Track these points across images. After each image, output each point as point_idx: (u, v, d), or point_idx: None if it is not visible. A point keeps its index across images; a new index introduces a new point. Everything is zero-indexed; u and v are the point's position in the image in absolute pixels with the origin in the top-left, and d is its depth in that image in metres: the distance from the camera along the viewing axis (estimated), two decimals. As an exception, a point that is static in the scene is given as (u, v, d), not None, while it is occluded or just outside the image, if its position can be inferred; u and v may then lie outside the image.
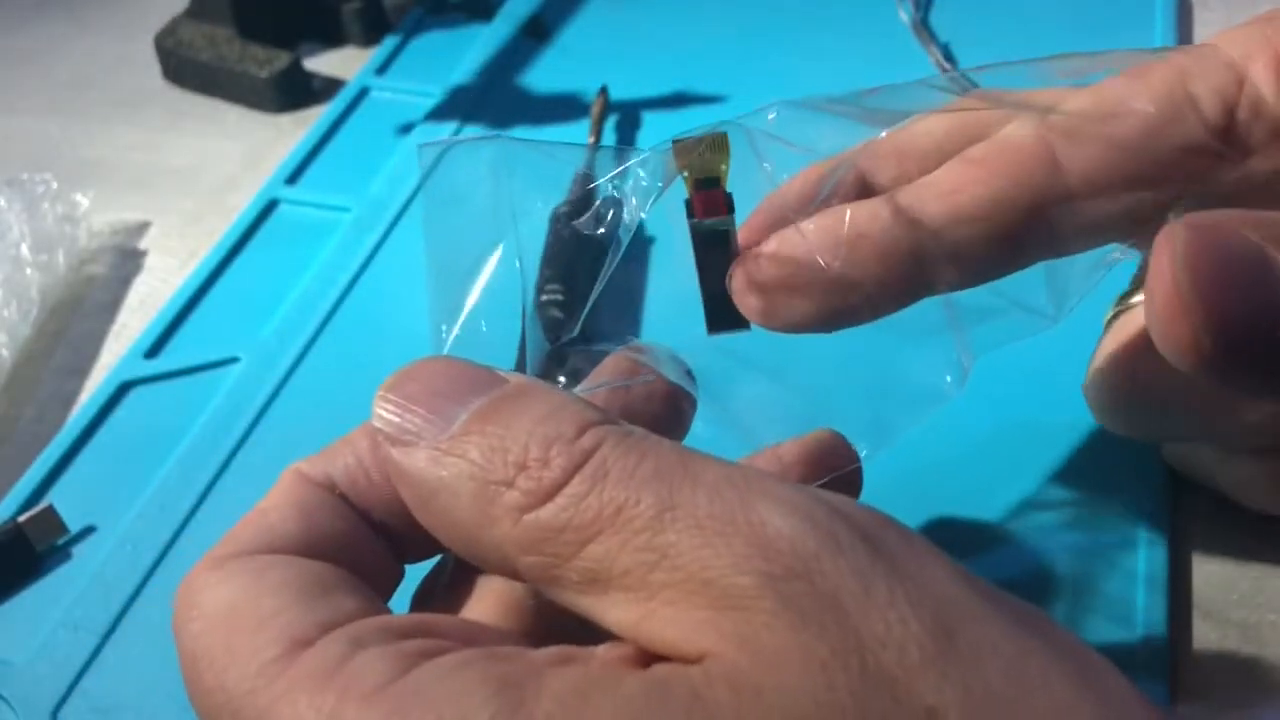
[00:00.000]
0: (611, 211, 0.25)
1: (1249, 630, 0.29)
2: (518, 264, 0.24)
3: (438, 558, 0.23)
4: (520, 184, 0.23)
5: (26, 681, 0.31)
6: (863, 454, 0.27)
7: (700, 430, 0.26)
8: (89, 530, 0.35)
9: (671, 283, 0.41)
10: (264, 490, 0.35)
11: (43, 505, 0.34)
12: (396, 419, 0.20)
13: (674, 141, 0.24)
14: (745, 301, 0.25)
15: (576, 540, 0.17)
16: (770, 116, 0.24)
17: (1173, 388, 0.27)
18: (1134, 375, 0.29)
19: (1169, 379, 0.24)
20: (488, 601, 0.21)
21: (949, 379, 0.27)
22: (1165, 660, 0.28)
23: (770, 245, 0.24)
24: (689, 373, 0.26)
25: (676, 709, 0.16)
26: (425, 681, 0.17)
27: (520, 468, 0.18)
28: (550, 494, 0.18)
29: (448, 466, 0.19)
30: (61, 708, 0.30)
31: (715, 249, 0.25)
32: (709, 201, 0.24)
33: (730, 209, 0.25)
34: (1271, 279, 0.19)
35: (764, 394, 0.28)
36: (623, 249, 0.25)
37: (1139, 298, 0.30)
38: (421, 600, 0.22)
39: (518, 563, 0.18)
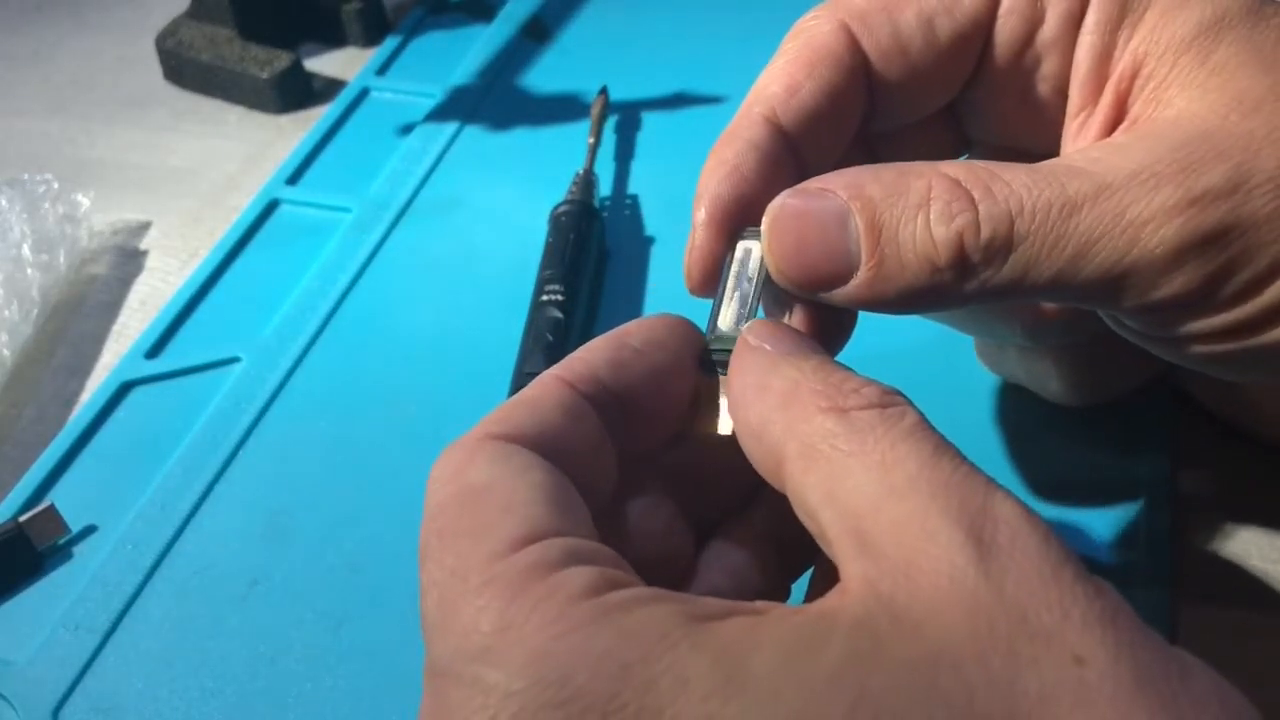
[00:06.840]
0: None
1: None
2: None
3: None
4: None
5: (27, 681, 0.31)
6: None
7: None
8: (90, 530, 0.35)
9: (671, 282, 0.41)
10: (264, 489, 0.35)
11: (44, 505, 0.34)
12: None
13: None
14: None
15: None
16: None
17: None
18: None
19: None
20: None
21: None
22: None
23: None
24: None
25: (838, 637, 0.17)
26: (622, 601, 0.18)
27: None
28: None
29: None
30: (62, 707, 0.30)
31: None
32: None
33: None
34: (846, 233, 0.23)
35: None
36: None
37: None
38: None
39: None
